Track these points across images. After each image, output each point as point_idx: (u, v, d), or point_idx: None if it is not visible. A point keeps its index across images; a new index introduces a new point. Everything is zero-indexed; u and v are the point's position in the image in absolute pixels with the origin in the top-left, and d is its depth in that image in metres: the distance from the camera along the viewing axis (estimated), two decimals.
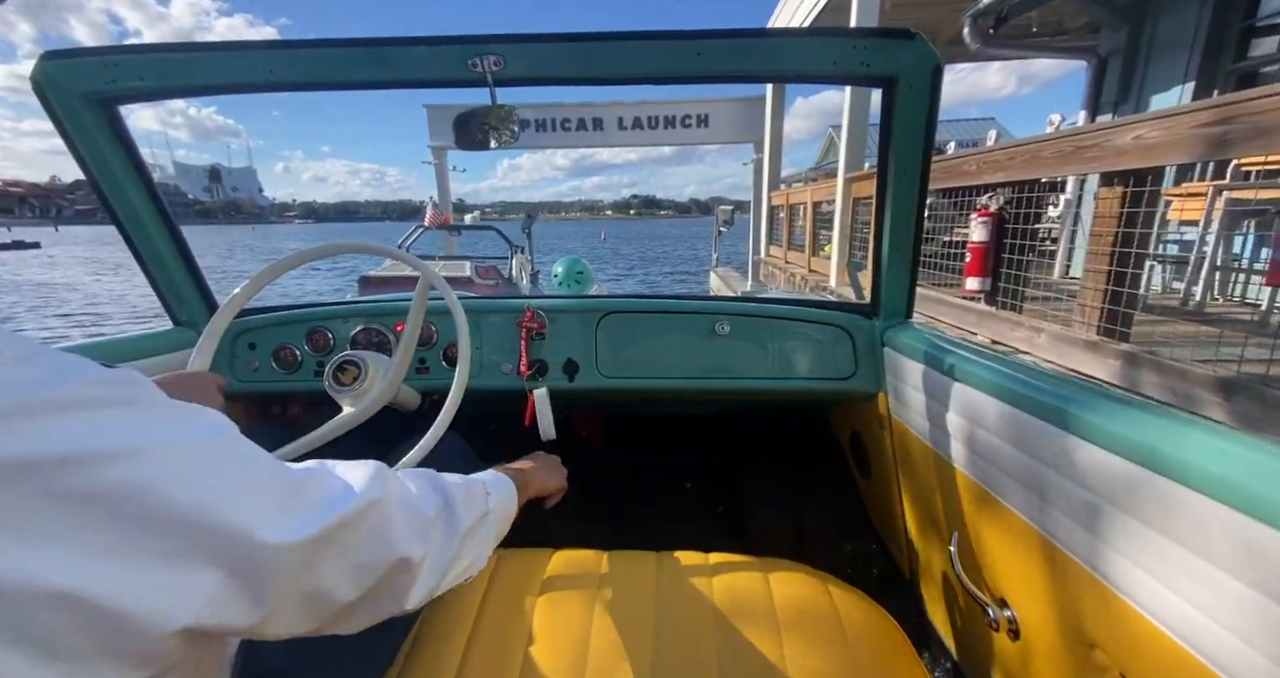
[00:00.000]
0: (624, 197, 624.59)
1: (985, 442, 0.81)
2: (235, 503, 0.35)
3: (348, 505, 0.42)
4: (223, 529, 0.33)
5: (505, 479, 0.74)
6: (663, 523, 1.63)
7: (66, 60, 0.92)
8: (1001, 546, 0.79)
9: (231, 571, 0.34)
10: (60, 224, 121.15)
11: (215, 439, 0.37)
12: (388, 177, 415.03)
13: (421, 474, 0.58)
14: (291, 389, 1.34)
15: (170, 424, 0.35)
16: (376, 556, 0.45)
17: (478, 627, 0.82)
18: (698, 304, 1.33)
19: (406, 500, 0.50)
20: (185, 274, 1.22)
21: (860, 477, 1.43)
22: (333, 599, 0.42)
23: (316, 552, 0.39)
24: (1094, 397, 0.66)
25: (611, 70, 0.94)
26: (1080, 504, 0.62)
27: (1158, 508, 0.52)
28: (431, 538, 0.51)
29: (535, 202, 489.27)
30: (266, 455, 0.40)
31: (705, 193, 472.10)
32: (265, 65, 0.92)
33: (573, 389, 1.29)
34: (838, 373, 1.26)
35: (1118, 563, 0.57)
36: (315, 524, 0.39)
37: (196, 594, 0.33)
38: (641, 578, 0.91)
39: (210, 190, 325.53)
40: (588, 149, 20.41)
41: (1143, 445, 0.54)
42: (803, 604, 0.85)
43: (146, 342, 1.20)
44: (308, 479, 0.42)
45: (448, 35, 0.90)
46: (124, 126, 1.02)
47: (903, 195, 1.03)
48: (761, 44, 0.91)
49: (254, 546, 0.35)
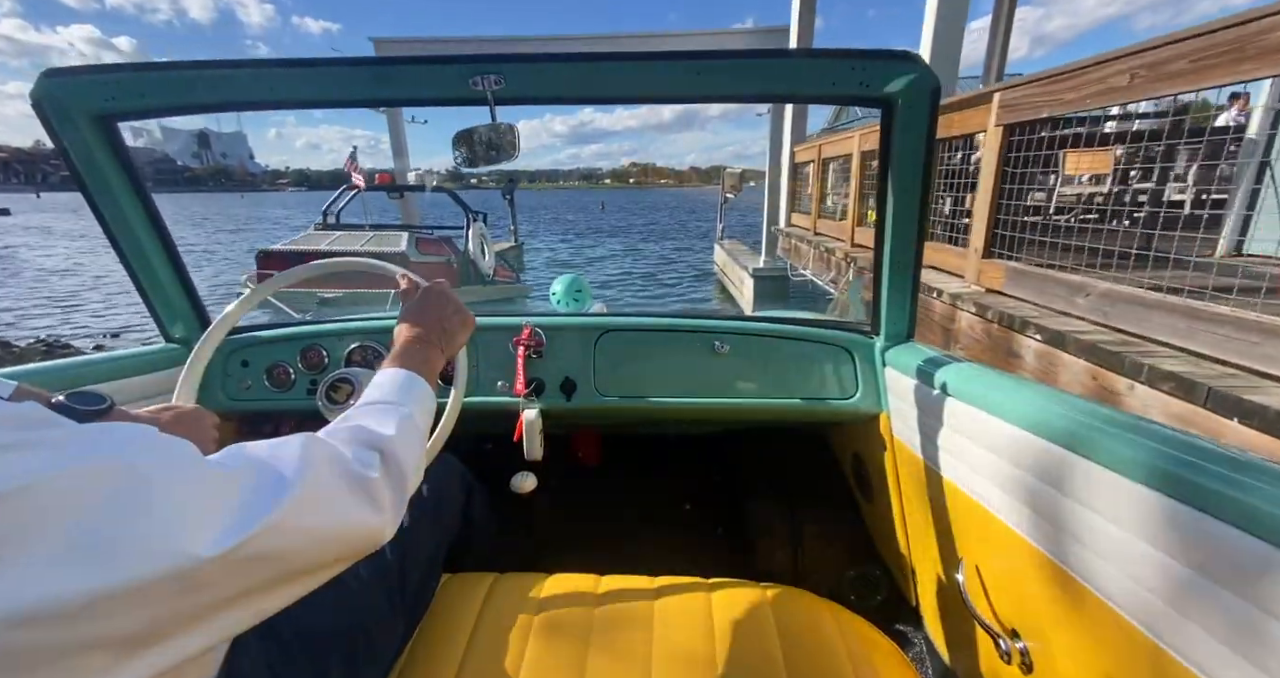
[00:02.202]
0: (623, 165, 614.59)
1: (992, 465, 0.80)
2: (162, 523, 0.34)
3: (280, 497, 0.40)
4: (150, 551, 0.33)
5: (420, 384, 0.66)
6: (661, 545, 1.60)
7: (67, 78, 0.90)
8: (1012, 573, 0.78)
9: (175, 592, 0.33)
10: (44, 190, 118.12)
11: (126, 460, 0.35)
12: (382, 144, 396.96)
13: (352, 432, 0.54)
14: (283, 408, 1.32)
15: (66, 454, 0.33)
16: (327, 531, 0.44)
17: (470, 653, 0.82)
18: (697, 323, 1.31)
19: (342, 467, 0.48)
20: (179, 291, 1.20)
21: (863, 499, 1.41)
22: (305, 572, 0.42)
23: (257, 550, 0.37)
24: (1108, 419, 0.65)
25: (611, 90, 0.93)
26: (1097, 533, 0.60)
27: (1180, 538, 0.51)
28: (381, 497, 0.50)
29: (533, 169, 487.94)
30: (190, 459, 0.39)
31: (706, 161, 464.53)
32: (266, 83, 0.91)
33: (570, 408, 1.27)
34: (839, 393, 1.25)
35: (1139, 596, 0.55)
36: (250, 525, 0.37)
37: (142, 615, 0.32)
38: (639, 604, 0.91)
39: (199, 156, 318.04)
40: (586, 115, 17.30)
41: (1163, 471, 0.53)
42: (805, 633, 0.85)
43: (137, 359, 1.17)
44: (236, 474, 0.40)
45: (449, 55, 0.88)
46: (122, 143, 1.01)
47: (903, 214, 1.01)
48: (761, 65, 0.89)
49: (187, 560, 0.34)
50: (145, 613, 0.32)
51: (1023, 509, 0.73)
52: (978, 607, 0.83)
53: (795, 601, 0.91)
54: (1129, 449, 0.57)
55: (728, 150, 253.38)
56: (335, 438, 0.52)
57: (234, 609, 0.37)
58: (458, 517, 1.10)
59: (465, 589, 0.95)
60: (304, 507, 0.41)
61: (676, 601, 0.91)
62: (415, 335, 0.72)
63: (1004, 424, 0.76)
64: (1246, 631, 0.44)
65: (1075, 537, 0.63)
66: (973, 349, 2.71)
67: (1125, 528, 0.56)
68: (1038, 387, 0.81)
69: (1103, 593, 0.60)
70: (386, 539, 0.50)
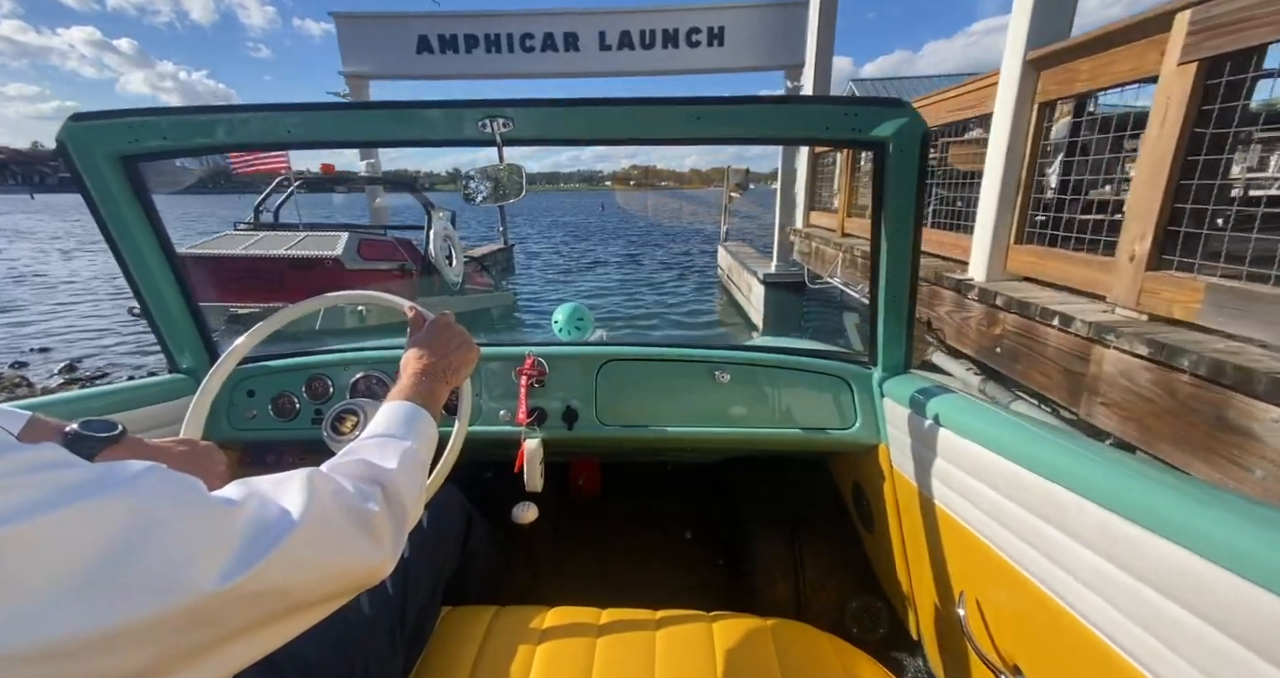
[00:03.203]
0: (624, 167, 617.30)
1: (990, 498, 0.81)
2: (169, 559, 0.34)
3: (285, 531, 0.41)
4: (156, 588, 0.33)
5: (423, 417, 0.67)
6: (662, 575, 1.61)
7: (93, 122, 0.94)
8: (1014, 609, 0.78)
9: (180, 627, 0.34)
10: (43, 192, 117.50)
11: (134, 497, 0.35)
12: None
13: (355, 466, 0.55)
14: (288, 437, 1.33)
15: (74, 492, 0.33)
16: (330, 565, 0.44)
17: None
18: (698, 353, 1.32)
19: (345, 501, 0.49)
20: (189, 323, 1.21)
21: (863, 529, 1.41)
22: (308, 606, 0.43)
23: (263, 585, 0.38)
24: (1102, 457, 0.66)
25: (613, 132, 0.95)
26: (1094, 571, 0.61)
27: (1173, 580, 0.52)
28: (382, 531, 0.50)
29: (533, 171, 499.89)
30: (197, 496, 0.39)
31: (707, 163, 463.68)
32: (283, 125, 0.94)
33: (572, 438, 1.28)
34: (838, 423, 1.26)
35: (1138, 637, 0.56)
36: (257, 559, 0.38)
37: (147, 651, 0.33)
38: (641, 638, 0.91)
39: (199, 158, 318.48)
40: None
41: (1157, 512, 0.54)
42: (808, 668, 0.85)
43: (144, 390, 1.19)
44: (241, 510, 0.40)
45: (460, 99, 0.90)
46: (143, 182, 1.04)
47: (896, 251, 1.03)
48: (759, 110, 0.92)
49: (194, 595, 0.34)
50: (150, 650, 0.33)
51: (1020, 545, 0.74)
52: (980, 642, 0.83)
53: (797, 635, 0.92)
54: (1123, 489, 0.59)
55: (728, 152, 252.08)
56: (338, 472, 0.53)
57: (238, 644, 0.38)
58: (457, 548, 1.09)
59: (466, 623, 0.96)
60: (308, 541, 0.42)
61: (678, 633, 0.92)
62: (421, 368, 0.73)
63: (1000, 459, 0.78)
64: (1244, 673, 0.45)
65: (1073, 574, 0.65)
66: (1143, 417, 1.74)
67: (1121, 568, 0.58)
68: (1033, 421, 0.83)
69: (1103, 633, 0.61)
70: (386, 574, 0.50)
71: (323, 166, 5.89)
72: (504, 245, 12.15)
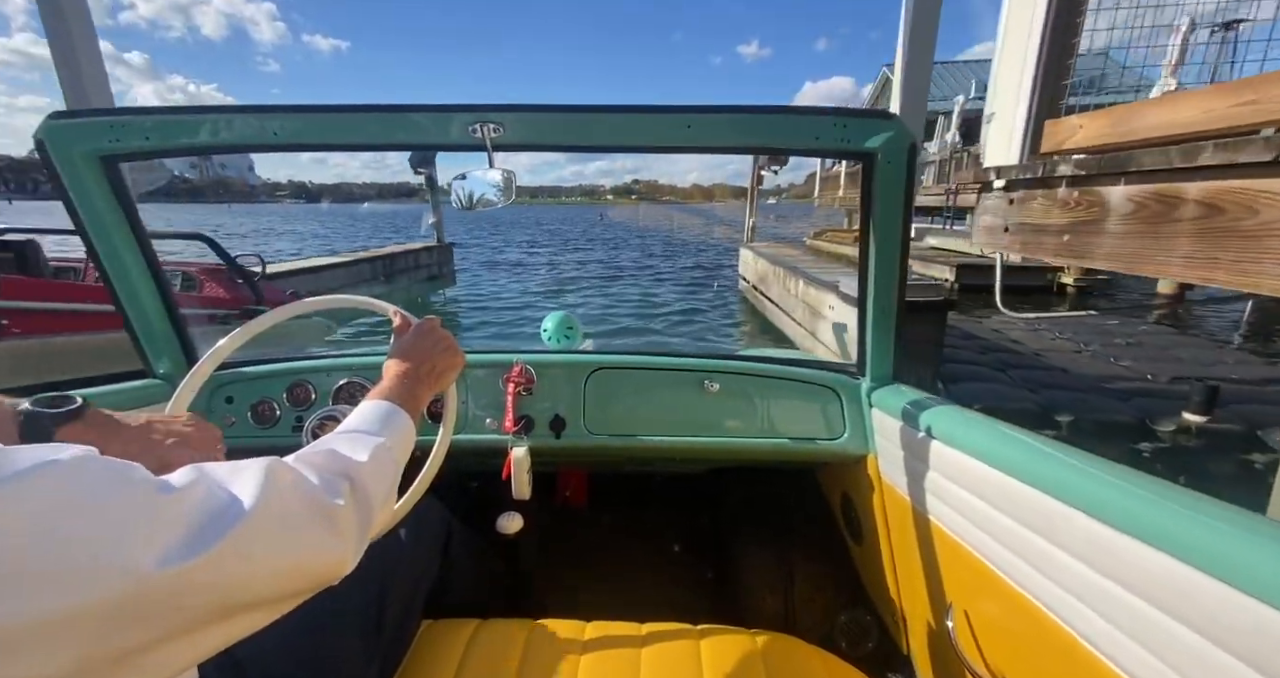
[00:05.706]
0: (626, 182, 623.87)
1: (979, 510, 0.80)
2: (93, 548, 0.31)
3: (235, 520, 0.38)
4: (78, 579, 0.30)
5: (401, 416, 0.66)
6: (649, 587, 1.59)
7: (72, 121, 0.92)
8: (1004, 622, 0.78)
9: (106, 625, 0.31)
10: (33, 198, 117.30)
11: (57, 481, 0.32)
12: (388, 159, 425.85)
13: (323, 457, 0.53)
14: (267, 445, 1.29)
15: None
16: (283, 560, 0.41)
17: None
18: (687, 362, 1.32)
19: (306, 492, 0.46)
20: (168, 327, 1.20)
21: (852, 541, 1.41)
22: (254, 606, 0.40)
23: (207, 576, 0.36)
24: (1092, 467, 0.65)
25: (604, 139, 0.95)
26: (1084, 583, 0.61)
27: (1166, 592, 0.51)
28: (345, 527, 0.48)
29: (534, 185, 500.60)
30: (133, 480, 0.36)
31: (708, 179, 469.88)
32: (270, 127, 0.93)
33: (560, 446, 1.27)
34: (826, 433, 1.25)
35: (1129, 650, 0.55)
36: (202, 548, 0.35)
37: (68, 654, 0.30)
38: (627, 652, 0.90)
39: (198, 168, 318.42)
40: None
41: (1147, 522, 0.54)
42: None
43: (119, 395, 1.15)
44: (186, 496, 0.37)
45: (450, 103, 0.91)
46: (123, 183, 1.02)
47: (884, 264, 1.04)
48: (749, 119, 0.92)
49: (124, 583, 0.32)
50: (69, 653, 0.30)
51: (1008, 555, 0.74)
52: (969, 656, 0.82)
53: (785, 649, 0.92)
54: (1113, 499, 0.59)
55: (729, 169, 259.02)
56: (303, 462, 0.50)
57: (172, 645, 0.35)
58: (436, 557, 1.07)
59: (447, 636, 0.94)
60: (260, 533, 0.39)
61: (665, 648, 0.91)
62: (403, 371, 0.73)
63: (989, 469, 0.78)
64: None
65: (1062, 585, 0.64)
66: None
67: (1109, 577, 0.57)
68: (1022, 432, 0.82)
69: (1091, 644, 0.60)
70: (346, 572, 0.48)
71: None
72: (439, 244, 10.19)
